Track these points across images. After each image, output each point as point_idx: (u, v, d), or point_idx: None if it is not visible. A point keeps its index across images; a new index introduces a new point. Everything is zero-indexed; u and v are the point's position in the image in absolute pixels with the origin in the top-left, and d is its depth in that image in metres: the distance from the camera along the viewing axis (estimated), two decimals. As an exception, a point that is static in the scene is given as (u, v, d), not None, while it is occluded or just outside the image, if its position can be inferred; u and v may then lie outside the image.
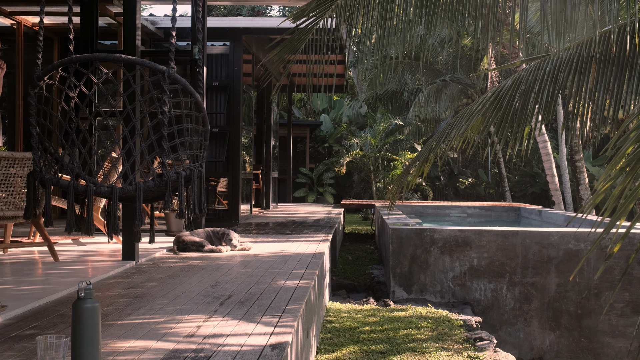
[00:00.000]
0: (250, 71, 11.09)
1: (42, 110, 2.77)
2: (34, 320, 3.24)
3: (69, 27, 2.92)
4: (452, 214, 12.55)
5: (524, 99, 5.24)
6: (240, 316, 3.37)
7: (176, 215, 2.85)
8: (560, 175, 17.39)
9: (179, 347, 2.76)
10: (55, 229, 7.00)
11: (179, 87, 2.83)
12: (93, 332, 2.28)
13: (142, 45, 9.02)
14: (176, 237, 6.08)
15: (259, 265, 5.17)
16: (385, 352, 4.52)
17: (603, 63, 4.95)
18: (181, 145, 2.90)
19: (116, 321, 3.24)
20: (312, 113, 24.20)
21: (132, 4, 5.17)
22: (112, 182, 2.84)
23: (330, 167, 20.10)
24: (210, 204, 9.58)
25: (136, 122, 2.93)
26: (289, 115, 15.27)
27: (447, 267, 6.89)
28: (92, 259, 5.44)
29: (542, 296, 6.77)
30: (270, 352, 2.70)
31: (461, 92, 19.64)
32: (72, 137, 2.74)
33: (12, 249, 5.76)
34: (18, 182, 4.79)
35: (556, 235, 6.81)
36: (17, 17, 8.72)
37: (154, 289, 4.12)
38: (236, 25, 9.59)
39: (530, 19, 12.19)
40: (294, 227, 8.64)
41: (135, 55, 5.11)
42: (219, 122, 9.42)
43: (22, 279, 4.42)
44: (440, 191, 21.77)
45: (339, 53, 10.05)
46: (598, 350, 6.69)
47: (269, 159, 12.68)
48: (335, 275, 7.92)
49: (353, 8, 4.90)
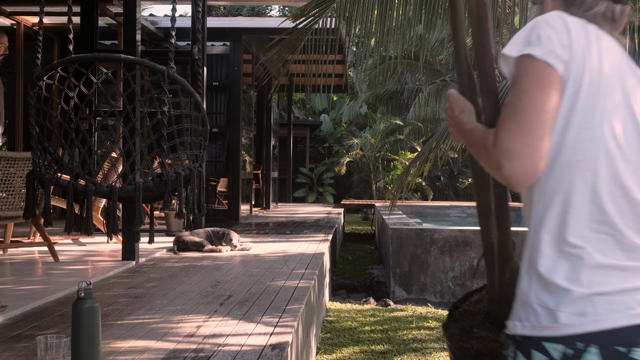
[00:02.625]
0: (250, 71, 11.09)
1: (41, 110, 2.77)
2: (34, 320, 3.24)
3: (68, 27, 2.91)
4: (452, 214, 12.55)
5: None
6: (240, 316, 3.37)
7: (175, 215, 2.85)
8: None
9: (179, 347, 2.76)
10: (55, 229, 7.00)
11: (178, 87, 2.82)
12: (93, 332, 2.27)
13: (142, 45, 9.02)
14: (176, 237, 6.07)
15: (259, 265, 5.17)
16: (386, 352, 4.51)
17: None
18: (181, 145, 2.89)
19: (116, 321, 3.23)
20: (312, 113, 24.20)
21: (132, 4, 5.17)
22: (111, 182, 2.84)
23: (330, 167, 20.10)
24: (210, 204, 9.58)
25: (136, 122, 2.93)
26: (289, 115, 15.27)
27: (447, 267, 6.89)
28: (92, 259, 5.44)
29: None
30: (270, 352, 2.70)
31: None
32: (71, 137, 2.74)
33: (12, 249, 5.76)
34: (18, 182, 4.79)
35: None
36: (17, 17, 8.72)
37: (154, 289, 4.12)
38: (236, 25, 9.59)
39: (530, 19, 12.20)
40: (294, 227, 8.64)
41: (135, 55, 5.11)
42: (219, 122, 9.42)
43: (22, 279, 4.42)
44: (440, 191, 21.77)
45: (338, 53, 10.06)
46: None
47: (269, 159, 12.68)
48: (335, 275, 7.91)
49: (352, 8, 4.90)
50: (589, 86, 1.16)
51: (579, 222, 1.15)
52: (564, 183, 1.16)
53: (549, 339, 1.11)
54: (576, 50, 1.17)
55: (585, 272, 1.12)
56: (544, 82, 1.14)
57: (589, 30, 1.21)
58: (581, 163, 1.15)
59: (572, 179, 1.16)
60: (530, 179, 1.14)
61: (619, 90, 1.18)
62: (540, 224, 1.19)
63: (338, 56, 10.60)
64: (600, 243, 1.14)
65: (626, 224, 1.14)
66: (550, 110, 1.13)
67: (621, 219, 1.14)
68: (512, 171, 1.13)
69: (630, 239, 1.14)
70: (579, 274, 1.12)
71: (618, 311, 1.09)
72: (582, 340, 1.08)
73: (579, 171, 1.15)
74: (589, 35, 1.20)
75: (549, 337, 1.11)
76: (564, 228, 1.15)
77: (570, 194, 1.15)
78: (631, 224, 1.15)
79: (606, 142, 1.15)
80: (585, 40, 1.18)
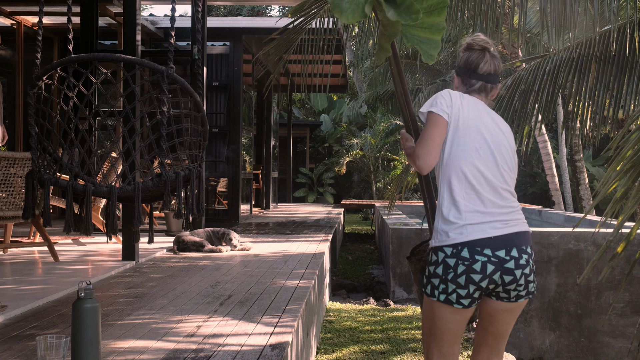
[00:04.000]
0: (250, 71, 11.09)
1: (41, 110, 2.77)
2: (34, 320, 3.24)
3: (68, 27, 2.91)
4: (452, 213, 12.53)
5: (524, 99, 5.23)
6: (240, 316, 3.37)
7: (174, 215, 2.85)
8: (560, 175, 17.39)
9: (179, 347, 2.76)
10: (55, 228, 7.00)
11: (178, 87, 2.82)
12: (93, 332, 2.27)
13: (142, 45, 9.02)
14: (176, 237, 6.07)
15: (259, 265, 5.17)
16: (386, 352, 4.51)
17: (603, 63, 4.94)
18: (180, 145, 2.89)
19: (116, 321, 3.23)
20: (312, 113, 24.19)
21: (132, 4, 5.17)
22: (111, 182, 2.84)
23: (330, 167, 20.09)
24: (210, 204, 9.57)
25: (135, 122, 2.93)
26: (289, 115, 15.27)
27: (447, 267, 6.89)
28: (92, 259, 5.44)
29: (542, 296, 6.76)
30: (270, 352, 2.70)
31: (461, 92, 19.61)
32: (71, 137, 2.74)
33: (12, 249, 5.76)
34: (18, 182, 4.79)
35: (556, 235, 6.81)
36: (17, 17, 8.72)
37: (154, 289, 4.12)
38: (236, 25, 9.58)
39: (530, 19, 12.18)
40: (294, 227, 8.64)
41: (135, 55, 5.11)
42: (219, 122, 9.41)
43: (22, 279, 4.42)
44: (441, 191, 21.73)
45: (338, 53, 10.05)
46: (598, 350, 6.68)
47: (269, 159, 12.68)
48: (335, 275, 7.91)
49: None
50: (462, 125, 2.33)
51: (459, 189, 2.30)
52: (450, 170, 2.32)
53: (445, 246, 2.28)
54: (454, 108, 2.34)
55: (462, 214, 2.28)
56: (436, 124, 2.32)
57: (464, 97, 2.39)
58: (457, 161, 2.31)
59: (453, 168, 2.32)
60: (428, 168, 2.31)
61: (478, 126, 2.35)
62: (442, 190, 2.34)
63: (337, 56, 10.59)
64: (470, 199, 2.29)
65: (482, 189, 2.30)
66: (438, 138, 2.31)
67: (480, 187, 2.29)
68: (419, 164, 2.30)
69: (486, 196, 2.29)
70: (460, 215, 2.28)
71: (477, 232, 2.25)
72: (460, 245, 2.25)
73: (455, 165, 2.31)
74: (462, 100, 2.37)
75: (445, 245, 2.29)
76: (452, 192, 2.31)
77: (452, 177, 2.32)
78: (486, 188, 2.30)
79: (470, 151, 2.31)
80: (460, 103, 2.36)
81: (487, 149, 2.32)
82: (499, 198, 2.31)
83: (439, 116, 2.31)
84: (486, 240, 2.24)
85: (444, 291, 2.29)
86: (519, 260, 2.27)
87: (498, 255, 2.24)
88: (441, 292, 2.29)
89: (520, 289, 2.30)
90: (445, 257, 2.27)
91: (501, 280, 2.26)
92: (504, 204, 2.32)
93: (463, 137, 2.31)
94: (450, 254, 2.26)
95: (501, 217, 2.29)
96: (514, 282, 2.28)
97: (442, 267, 2.28)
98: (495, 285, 2.28)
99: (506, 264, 2.25)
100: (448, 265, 2.26)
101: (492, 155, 2.33)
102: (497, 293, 2.31)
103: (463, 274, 2.24)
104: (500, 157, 2.34)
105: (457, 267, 2.25)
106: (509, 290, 2.29)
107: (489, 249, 2.24)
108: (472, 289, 2.26)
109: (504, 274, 2.25)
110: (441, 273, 2.28)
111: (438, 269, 2.29)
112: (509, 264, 2.25)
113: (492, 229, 2.26)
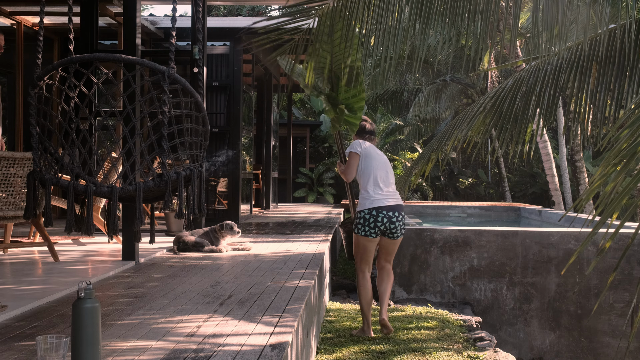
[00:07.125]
0: (250, 71, 11.09)
1: (42, 110, 2.77)
2: (34, 320, 3.24)
3: (69, 27, 2.91)
4: (452, 214, 12.55)
5: (525, 101, 5.24)
6: (240, 316, 3.37)
7: (175, 215, 2.85)
8: (560, 175, 17.40)
9: (179, 347, 2.76)
10: (55, 229, 7.00)
11: (178, 87, 2.82)
12: (93, 332, 2.28)
13: (142, 45, 9.02)
14: (176, 237, 6.07)
15: (259, 265, 5.17)
16: (386, 352, 4.51)
17: (604, 64, 4.94)
18: (181, 145, 2.90)
19: (116, 321, 3.24)
20: (312, 113, 24.19)
21: (132, 4, 5.17)
22: (112, 182, 2.84)
23: (330, 167, 20.09)
24: (210, 204, 9.57)
25: (136, 122, 2.93)
26: (289, 115, 15.27)
27: (447, 267, 6.90)
28: (92, 259, 5.44)
29: (542, 296, 6.77)
30: (270, 352, 2.70)
31: (461, 92, 19.64)
32: (72, 137, 2.74)
33: (12, 249, 5.76)
34: (18, 182, 4.79)
35: (556, 235, 6.81)
36: (17, 17, 8.71)
37: (154, 289, 4.12)
38: (236, 25, 9.58)
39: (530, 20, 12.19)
40: (294, 227, 8.64)
41: (135, 55, 5.11)
42: (219, 122, 9.41)
43: (22, 279, 4.42)
44: (441, 191, 21.78)
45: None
46: (598, 350, 6.69)
47: (269, 159, 12.67)
48: (335, 275, 7.91)
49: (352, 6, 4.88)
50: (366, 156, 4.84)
51: (369, 185, 4.76)
52: (363, 177, 4.80)
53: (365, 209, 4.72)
54: (362, 147, 4.89)
55: (370, 198, 4.73)
56: (354, 157, 4.86)
57: (365, 142, 4.96)
58: (365, 173, 4.79)
59: (364, 176, 4.80)
60: (351, 179, 4.90)
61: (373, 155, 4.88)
62: (361, 186, 4.82)
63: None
64: (375, 188, 4.75)
65: (381, 184, 4.77)
66: (355, 165, 4.84)
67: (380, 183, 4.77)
68: (348, 178, 4.88)
69: (382, 187, 4.76)
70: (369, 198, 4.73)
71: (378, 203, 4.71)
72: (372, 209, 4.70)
73: (366, 174, 4.79)
74: (365, 145, 4.93)
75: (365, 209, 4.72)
76: (367, 186, 4.77)
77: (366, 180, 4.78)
78: (381, 184, 4.76)
79: (372, 168, 4.80)
80: (364, 145, 4.91)
81: (379, 166, 4.82)
82: (387, 188, 4.78)
83: (356, 153, 4.84)
84: (383, 207, 4.68)
85: (364, 231, 4.69)
86: (398, 217, 4.72)
87: (388, 215, 4.68)
88: (363, 231, 4.69)
89: (397, 232, 4.74)
90: (365, 214, 4.68)
91: (389, 226, 4.69)
92: (391, 190, 4.79)
93: (367, 161, 4.81)
94: (367, 213, 4.68)
95: (389, 197, 4.74)
96: (395, 228, 4.71)
97: (363, 219, 4.69)
98: (386, 229, 4.69)
99: (392, 219, 4.68)
100: (366, 219, 4.68)
101: (383, 168, 4.82)
102: (386, 233, 4.73)
103: (373, 222, 4.66)
104: (385, 169, 4.85)
105: (370, 219, 4.67)
106: (393, 232, 4.72)
107: (384, 211, 4.68)
108: (376, 230, 4.68)
109: (390, 223, 4.68)
110: (363, 222, 4.69)
111: (361, 220, 4.70)
112: (393, 219, 4.69)
113: (385, 202, 4.70)
